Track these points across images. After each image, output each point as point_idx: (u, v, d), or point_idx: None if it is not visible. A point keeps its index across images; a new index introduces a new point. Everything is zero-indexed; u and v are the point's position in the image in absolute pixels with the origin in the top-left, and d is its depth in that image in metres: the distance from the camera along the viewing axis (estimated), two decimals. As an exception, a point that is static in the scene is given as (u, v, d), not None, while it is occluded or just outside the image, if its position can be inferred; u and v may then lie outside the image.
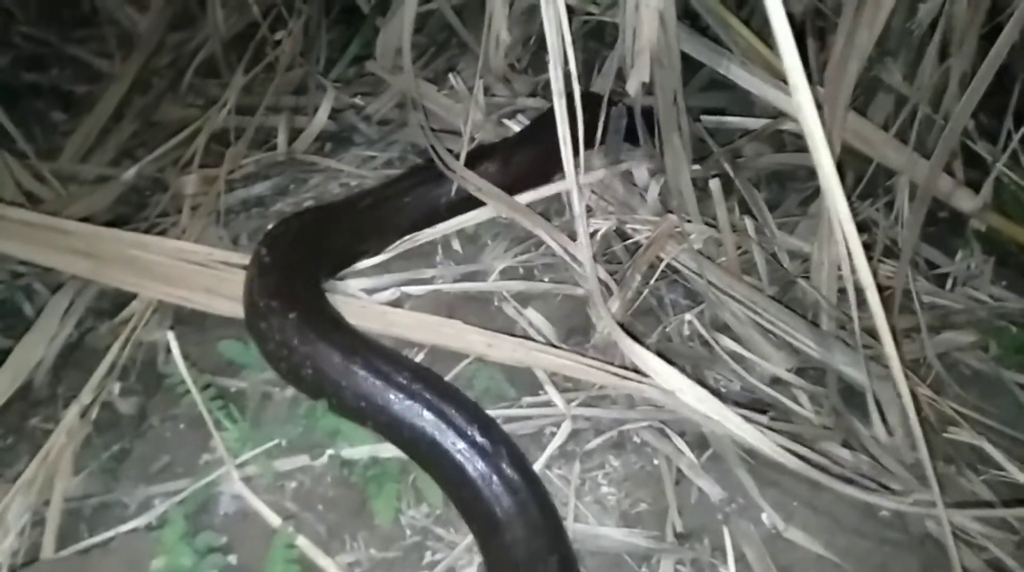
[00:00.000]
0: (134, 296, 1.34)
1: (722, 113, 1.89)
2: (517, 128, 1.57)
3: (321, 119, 1.69)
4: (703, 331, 1.42)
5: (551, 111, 1.45)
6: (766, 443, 1.10)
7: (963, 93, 1.57)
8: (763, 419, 1.16)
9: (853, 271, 0.82)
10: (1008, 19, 1.48)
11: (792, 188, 1.89)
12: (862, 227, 1.71)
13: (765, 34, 1.87)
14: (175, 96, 2.26)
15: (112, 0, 2.39)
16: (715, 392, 1.17)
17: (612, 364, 1.14)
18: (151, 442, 1.19)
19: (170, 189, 1.66)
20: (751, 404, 1.28)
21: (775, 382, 1.40)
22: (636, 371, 1.17)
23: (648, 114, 1.43)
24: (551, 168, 1.40)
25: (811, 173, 1.74)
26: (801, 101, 0.70)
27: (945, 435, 1.27)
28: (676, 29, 1.22)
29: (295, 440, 1.08)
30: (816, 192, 1.75)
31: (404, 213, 1.25)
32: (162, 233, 1.55)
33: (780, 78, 1.60)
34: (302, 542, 0.99)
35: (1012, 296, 1.66)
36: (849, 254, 0.80)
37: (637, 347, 1.10)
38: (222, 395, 1.14)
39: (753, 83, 1.60)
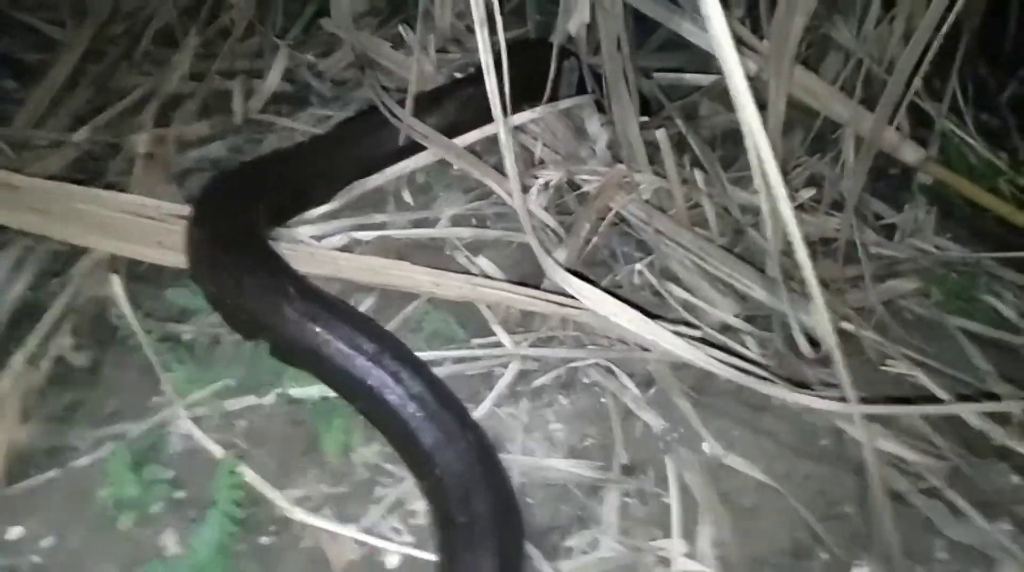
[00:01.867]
0: (86, 253, 1.33)
1: (678, 72, 1.92)
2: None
3: (274, 79, 1.69)
4: (653, 280, 1.45)
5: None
6: (697, 355, 1.13)
7: (906, 48, 1.61)
8: (695, 333, 1.18)
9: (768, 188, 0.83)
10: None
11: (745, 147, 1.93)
12: (811, 181, 1.74)
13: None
14: (131, 64, 2.23)
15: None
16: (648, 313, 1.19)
17: (554, 294, 1.16)
18: (103, 391, 1.19)
19: (122, 150, 1.65)
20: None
21: (725, 329, 1.43)
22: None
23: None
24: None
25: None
26: (720, 41, 0.71)
27: (882, 367, 1.31)
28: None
29: (243, 380, 1.09)
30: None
31: (348, 159, 1.26)
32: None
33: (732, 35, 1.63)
34: (251, 476, 1.00)
35: (955, 246, 1.72)
36: (765, 176, 0.81)
37: (571, 277, 1.12)
38: (171, 340, 1.14)
39: (703, 39, 1.63)
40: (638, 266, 1.47)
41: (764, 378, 1.15)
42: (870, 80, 1.72)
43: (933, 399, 1.29)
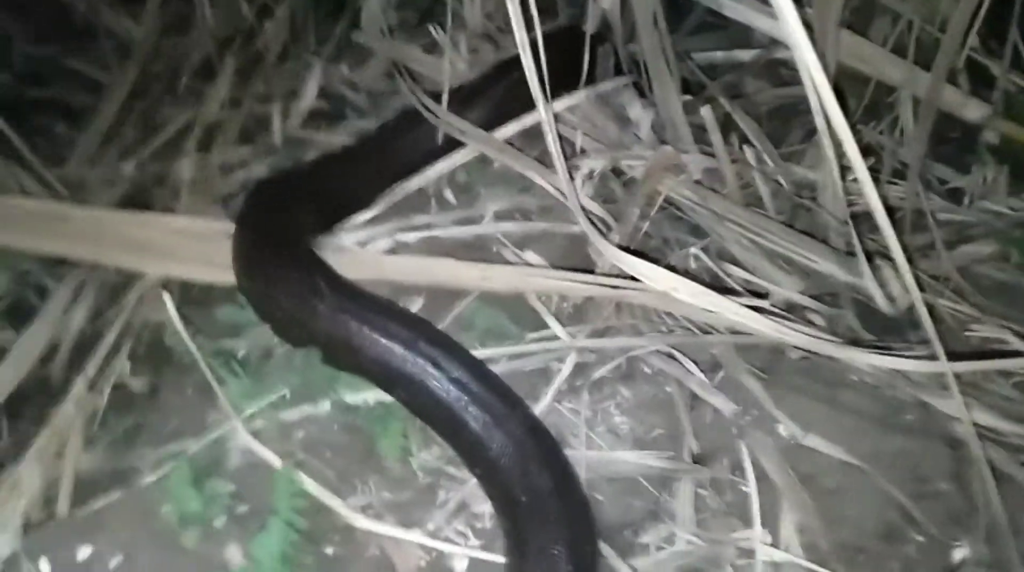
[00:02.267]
0: (139, 278, 1.35)
1: (717, 51, 1.87)
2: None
3: (310, 97, 1.70)
4: (710, 263, 1.39)
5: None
6: (769, 325, 1.07)
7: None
8: (764, 303, 1.12)
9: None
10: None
11: (796, 123, 1.85)
12: (868, 151, 1.66)
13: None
14: (174, 98, 2.28)
15: (105, 13, 2.42)
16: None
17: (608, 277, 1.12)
18: (162, 412, 1.20)
19: (169, 179, 1.68)
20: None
21: (791, 308, 1.36)
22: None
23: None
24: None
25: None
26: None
27: (966, 333, 1.23)
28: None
29: (297, 390, 1.08)
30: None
31: (387, 162, 1.24)
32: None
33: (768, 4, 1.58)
34: (311, 486, 0.98)
35: (1031, 206, 1.61)
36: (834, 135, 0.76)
37: (625, 255, 1.08)
38: (225, 356, 1.14)
39: (739, 11, 1.57)
40: (693, 250, 1.41)
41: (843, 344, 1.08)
42: (921, 41, 1.64)
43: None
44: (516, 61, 1.42)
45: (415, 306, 1.19)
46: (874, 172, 1.59)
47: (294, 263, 1.04)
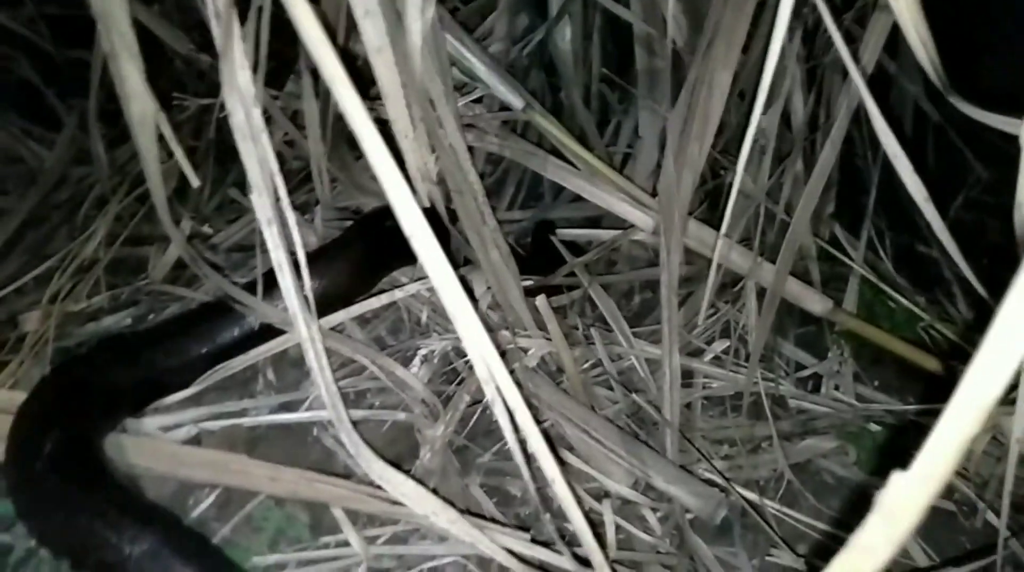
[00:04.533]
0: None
1: (597, 222, 1.91)
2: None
3: (174, 250, 1.69)
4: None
5: (354, 224, 1.46)
6: (517, 565, 1.03)
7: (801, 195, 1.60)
8: (524, 536, 1.09)
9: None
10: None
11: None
12: (727, 332, 1.69)
13: (628, 156, 1.93)
14: (71, 229, 2.27)
15: (12, 140, 2.45)
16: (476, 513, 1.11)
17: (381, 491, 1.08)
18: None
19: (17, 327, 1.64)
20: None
21: (625, 503, 1.34)
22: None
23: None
24: (362, 281, 1.41)
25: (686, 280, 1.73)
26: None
27: (767, 557, 1.20)
28: (468, 155, 1.23)
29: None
30: (687, 297, 1.75)
31: (203, 344, 1.22)
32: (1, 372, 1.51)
33: (625, 193, 1.63)
34: None
35: (882, 396, 1.63)
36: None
37: (389, 471, 1.05)
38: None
39: (597, 195, 1.63)
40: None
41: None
42: (774, 226, 1.70)
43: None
44: (346, 240, 1.46)
45: (206, 503, 1.14)
46: (726, 354, 1.63)
47: (74, 480, 0.99)
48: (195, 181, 1.09)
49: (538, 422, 1.41)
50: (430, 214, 1.33)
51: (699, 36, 1.50)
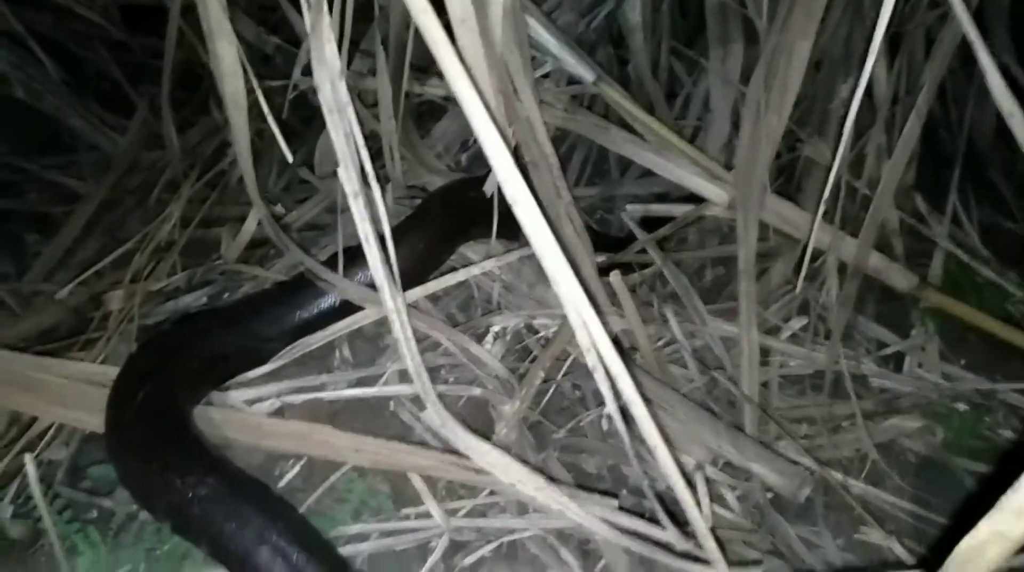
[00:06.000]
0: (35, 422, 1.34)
1: (665, 199, 1.88)
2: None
3: (248, 230, 1.72)
4: (622, 427, 1.36)
5: (431, 196, 1.45)
6: (607, 530, 1.02)
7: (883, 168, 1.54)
8: (612, 503, 1.08)
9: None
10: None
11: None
12: (804, 309, 1.64)
13: (698, 129, 1.89)
14: (144, 213, 2.34)
15: (90, 126, 2.53)
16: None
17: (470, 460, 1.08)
18: (31, 568, 1.16)
19: (102, 305, 1.69)
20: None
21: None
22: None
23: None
24: (441, 254, 1.41)
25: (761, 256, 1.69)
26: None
27: (855, 536, 1.17)
28: (544, 127, 1.22)
29: (149, 565, 1.04)
30: (762, 274, 1.71)
31: (285, 320, 1.24)
32: (90, 350, 1.56)
33: (699, 166, 1.60)
34: None
35: (968, 375, 1.57)
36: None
37: (473, 440, 1.05)
38: (91, 515, 1.11)
39: (669, 169, 1.60)
40: (606, 410, 1.38)
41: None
42: (852, 204, 1.64)
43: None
44: (422, 213, 1.46)
45: (291, 473, 1.16)
46: (805, 332, 1.59)
47: (170, 445, 1.02)
48: (290, 156, 1.10)
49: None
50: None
51: (776, 5, 1.45)
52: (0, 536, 1.22)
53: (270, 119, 1.04)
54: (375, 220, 0.94)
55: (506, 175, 0.62)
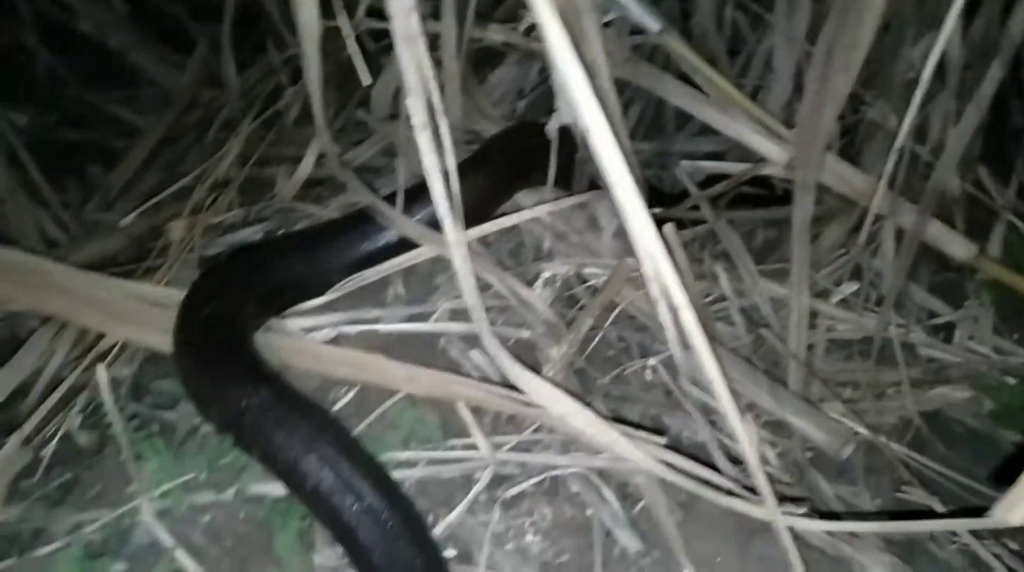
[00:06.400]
0: (102, 339, 1.40)
1: (719, 157, 1.86)
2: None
3: (306, 168, 1.75)
4: (667, 377, 1.37)
5: (492, 139, 1.46)
6: (655, 464, 1.04)
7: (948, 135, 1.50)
8: (660, 440, 1.10)
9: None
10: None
11: (788, 237, 1.83)
12: (856, 274, 1.63)
13: (758, 89, 1.85)
14: (200, 149, 2.39)
15: (152, 62, 2.57)
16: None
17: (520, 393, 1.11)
18: (95, 473, 1.22)
19: (163, 235, 1.74)
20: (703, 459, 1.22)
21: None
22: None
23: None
24: (501, 196, 1.42)
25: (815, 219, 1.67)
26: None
27: (897, 494, 1.17)
28: (608, 73, 1.21)
29: (210, 474, 1.09)
30: (815, 237, 1.69)
31: (343, 254, 1.27)
32: (151, 276, 1.62)
33: (760, 123, 1.57)
34: (200, 576, 0.99)
35: (1021, 349, 1.54)
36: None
37: (526, 374, 1.07)
38: (158, 427, 1.17)
39: (728, 126, 1.58)
40: (651, 361, 1.40)
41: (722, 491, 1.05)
42: (918, 167, 1.61)
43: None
44: (484, 156, 1.47)
45: (344, 400, 1.20)
46: (857, 297, 1.58)
47: (228, 357, 1.07)
48: (366, 78, 1.12)
49: (657, 353, 1.42)
50: (565, 134, 1.33)
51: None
52: (69, 444, 1.29)
53: (350, 43, 1.05)
54: (440, 154, 0.95)
55: (592, 121, 0.63)
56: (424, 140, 0.91)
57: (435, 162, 0.91)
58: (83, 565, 0.96)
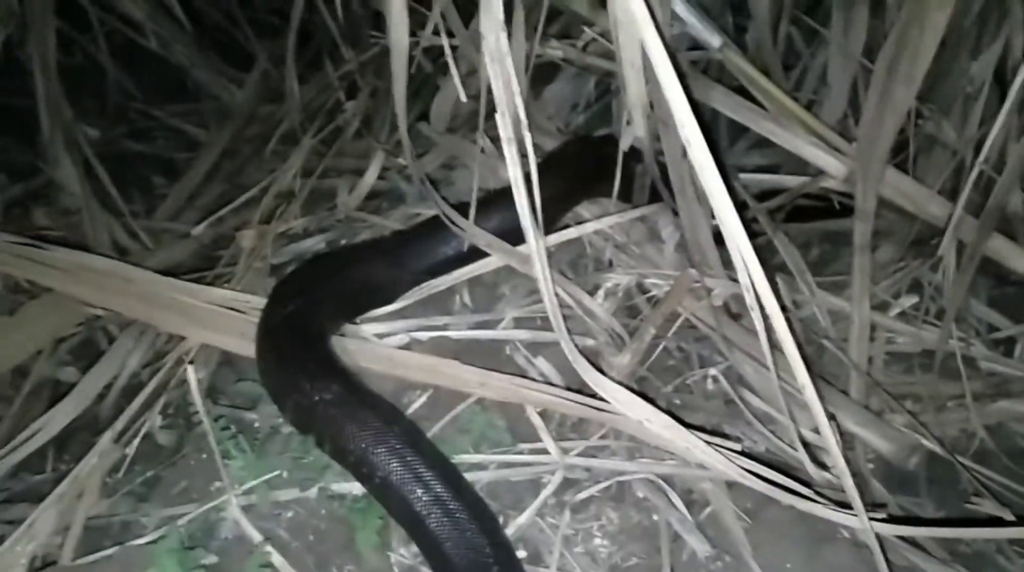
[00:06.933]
0: (182, 341, 1.46)
1: (772, 170, 1.88)
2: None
3: (370, 180, 1.81)
4: (728, 387, 1.39)
5: (554, 152, 1.49)
6: (733, 469, 1.06)
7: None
8: (735, 446, 1.12)
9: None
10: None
11: (845, 251, 1.84)
12: (915, 287, 1.63)
13: (812, 103, 1.87)
14: (260, 162, 2.47)
15: (212, 78, 2.66)
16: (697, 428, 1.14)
17: (595, 399, 1.14)
18: (179, 470, 1.28)
19: (233, 243, 1.81)
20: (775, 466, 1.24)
21: (806, 444, 1.34)
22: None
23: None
24: (566, 206, 1.46)
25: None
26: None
27: (967, 504, 1.18)
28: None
29: (292, 472, 1.14)
30: (873, 250, 1.70)
31: (412, 263, 1.32)
32: (222, 283, 1.69)
33: (818, 136, 1.59)
34: (285, 569, 1.03)
35: (1087, 367, 1.53)
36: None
37: (603, 379, 1.10)
38: (237, 427, 1.22)
39: (787, 139, 1.60)
40: (712, 371, 1.42)
41: (801, 496, 1.06)
42: (982, 181, 1.61)
43: None
44: (548, 167, 1.51)
45: (417, 403, 1.25)
46: (916, 310, 1.58)
47: (305, 354, 1.12)
48: (463, 95, 1.18)
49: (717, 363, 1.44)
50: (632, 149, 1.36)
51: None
52: (150, 442, 1.35)
53: (450, 61, 1.10)
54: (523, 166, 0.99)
55: (690, 132, 0.66)
56: (511, 153, 0.95)
57: (520, 174, 0.95)
58: (181, 555, 1.00)
